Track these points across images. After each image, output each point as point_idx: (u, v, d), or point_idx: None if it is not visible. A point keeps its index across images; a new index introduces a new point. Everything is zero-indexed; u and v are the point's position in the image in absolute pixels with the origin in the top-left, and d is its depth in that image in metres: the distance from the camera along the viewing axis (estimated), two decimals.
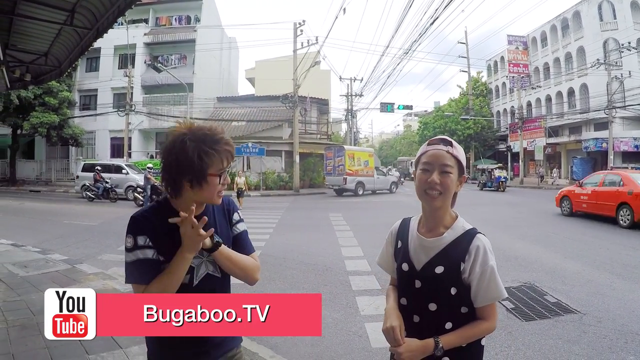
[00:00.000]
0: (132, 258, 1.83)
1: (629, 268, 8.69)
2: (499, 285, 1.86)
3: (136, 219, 1.89)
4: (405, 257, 2.02)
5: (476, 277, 1.86)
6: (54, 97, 32.95)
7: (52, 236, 12.35)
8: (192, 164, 1.79)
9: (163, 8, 41.94)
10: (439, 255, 1.91)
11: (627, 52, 35.66)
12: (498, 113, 57.38)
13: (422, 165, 1.96)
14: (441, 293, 1.88)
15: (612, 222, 14.67)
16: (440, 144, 1.96)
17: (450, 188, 1.90)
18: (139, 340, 4.60)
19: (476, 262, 1.86)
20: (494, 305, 1.91)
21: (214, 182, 1.85)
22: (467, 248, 1.89)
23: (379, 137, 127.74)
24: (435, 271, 1.89)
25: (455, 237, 1.92)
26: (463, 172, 1.97)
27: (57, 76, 9.84)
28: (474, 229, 1.96)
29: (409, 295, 1.98)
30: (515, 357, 4.75)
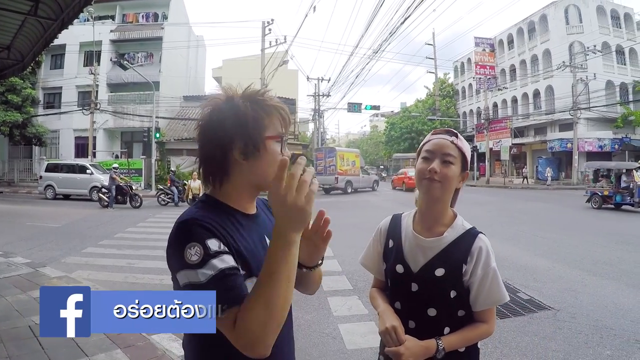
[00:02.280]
0: (209, 273, 1.20)
1: (599, 264, 8.81)
2: (501, 288, 1.75)
3: (196, 220, 1.29)
4: (399, 257, 1.86)
5: (477, 279, 1.74)
6: (17, 95, 32.03)
7: (15, 238, 11.97)
8: (244, 124, 1.37)
9: (130, 5, 41.27)
10: (438, 257, 1.79)
11: (592, 55, 36.55)
12: (464, 114, 58.11)
13: (423, 153, 1.85)
14: (440, 297, 1.76)
15: None
16: (445, 134, 1.87)
17: (450, 179, 1.77)
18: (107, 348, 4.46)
19: (478, 263, 1.74)
20: (493, 309, 1.80)
21: (273, 149, 1.39)
22: (469, 249, 1.76)
23: (346, 137, 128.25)
24: (435, 274, 1.76)
25: (456, 237, 1.80)
26: (467, 167, 1.86)
27: (20, 71, 9.53)
28: (475, 229, 1.85)
29: (403, 299, 1.84)
30: (492, 355, 4.72)
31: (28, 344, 4.53)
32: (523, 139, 45.39)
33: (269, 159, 1.38)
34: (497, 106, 51.12)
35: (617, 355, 4.67)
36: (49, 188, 25.72)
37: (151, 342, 4.60)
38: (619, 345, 4.88)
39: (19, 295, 6.39)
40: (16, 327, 5.03)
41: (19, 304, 5.94)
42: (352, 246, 10.12)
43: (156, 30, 39.15)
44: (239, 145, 1.37)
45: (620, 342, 4.96)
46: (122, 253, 10.27)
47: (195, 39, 46.19)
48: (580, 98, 37.38)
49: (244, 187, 1.44)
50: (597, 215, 17.44)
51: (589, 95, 38.20)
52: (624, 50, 42.06)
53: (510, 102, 49.22)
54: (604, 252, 10.05)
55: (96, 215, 18.11)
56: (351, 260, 9.18)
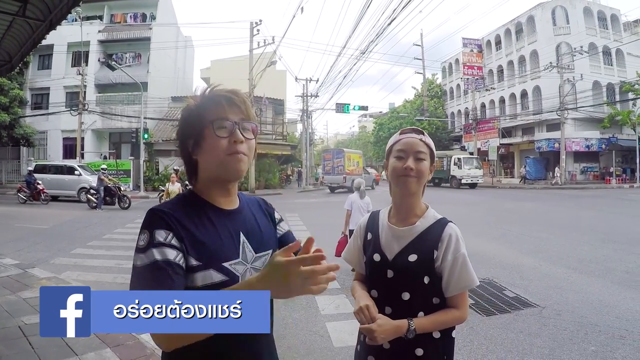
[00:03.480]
0: (144, 260, 1.31)
1: (584, 262, 8.91)
2: (470, 273, 1.87)
3: (155, 211, 1.40)
4: (376, 248, 2.00)
5: (448, 265, 1.86)
6: (5, 95, 31.79)
7: (3, 240, 11.92)
8: (190, 122, 1.48)
9: (118, 5, 41.08)
10: (411, 244, 1.91)
11: (579, 56, 36.80)
12: (452, 114, 58.30)
13: (396, 152, 1.97)
14: (414, 282, 1.87)
15: None
16: (413, 132, 1.99)
17: (424, 173, 1.93)
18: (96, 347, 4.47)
19: (448, 249, 1.87)
20: (465, 294, 1.91)
21: (210, 135, 1.43)
22: (439, 236, 1.89)
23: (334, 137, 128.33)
24: (409, 259, 1.89)
25: (427, 226, 1.94)
26: (434, 160, 2.02)
27: (7, 71, 9.47)
28: (445, 218, 1.98)
29: (380, 286, 1.95)
30: (478, 351, 4.79)
31: (18, 344, 4.54)
32: (511, 139, 45.66)
33: (211, 145, 1.44)
34: (485, 106, 51.34)
35: (601, 350, 4.73)
36: None
37: (140, 341, 4.62)
38: (603, 341, 4.94)
39: (8, 296, 6.39)
40: (6, 327, 5.04)
41: (8, 304, 5.94)
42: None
43: (144, 30, 39.00)
44: (191, 144, 1.48)
45: (605, 338, 5.03)
46: (110, 254, 10.26)
47: (184, 40, 46.01)
48: (568, 98, 37.66)
49: (208, 182, 1.50)
50: (584, 214, 17.58)
51: (576, 95, 38.52)
52: (611, 51, 42.30)
53: (498, 103, 49.46)
54: (590, 250, 10.15)
55: (85, 216, 18.04)
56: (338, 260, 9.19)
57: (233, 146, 1.44)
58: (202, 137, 1.45)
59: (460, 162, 37.05)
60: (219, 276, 1.39)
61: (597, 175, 41.32)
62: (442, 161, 38.15)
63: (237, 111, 1.48)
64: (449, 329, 1.92)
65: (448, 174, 37.85)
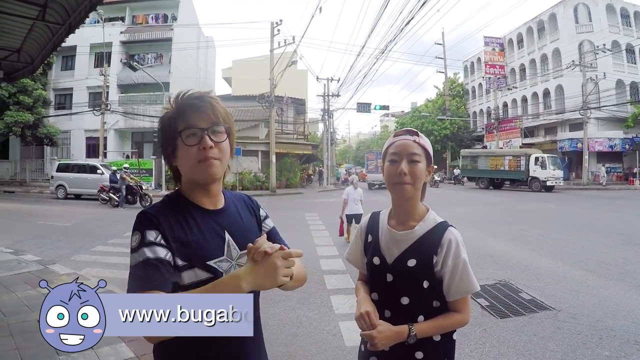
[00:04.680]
0: (137, 259, 1.41)
1: (603, 265, 8.78)
2: (471, 279, 1.85)
3: (145, 213, 1.49)
4: (376, 250, 1.99)
5: (448, 270, 1.84)
6: (29, 96, 32.31)
7: (26, 237, 12.13)
8: (164, 131, 1.58)
9: (140, 6, 41.48)
10: (410, 248, 1.89)
11: (602, 54, 36.28)
12: (474, 113, 57.91)
13: (389, 156, 1.94)
14: (413, 286, 1.86)
15: None
16: (406, 134, 1.95)
17: (419, 177, 1.89)
18: (112, 341, 4.54)
19: (448, 255, 1.84)
20: (467, 298, 1.90)
21: (181, 144, 1.52)
22: (439, 241, 1.87)
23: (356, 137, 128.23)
24: (408, 264, 1.87)
25: (427, 230, 1.91)
26: (431, 161, 1.96)
27: (29, 73, 9.67)
28: (445, 222, 1.94)
29: (380, 289, 1.95)
30: (490, 354, 4.76)
31: (35, 337, 4.62)
32: (533, 139, 45.14)
33: (182, 154, 1.53)
34: (507, 106, 50.94)
35: (615, 356, 4.67)
36: (60, 188, 25.93)
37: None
38: (618, 347, 4.88)
39: (29, 291, 6.55)
40: (25, 321, 5.15)
41: (28, 299, 6.09)
42: None
43: (166, 31, 39.31)
44: (169, 152, 1.58)
45: (619, 343, 4.96)
46: None
47: (205, 40, 46.32)
48: (590, 97, 37.18)
49: (190, 185, 1.59)
50: (605, 216, 17.36)
51: (599, 94, 37.93)
52: (634, 49, 41.72)
53: (520, 102, 49.00)
54: (609, 253, 10.01)
55: (106, 214, 18.27)
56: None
57: (202, 152, 1.50)
58: (175, 146, 1.54)
59: (545, 162, 32.73)
60: (204, 274, 1.48)
61: (620, 176, 40.61)
62: (518, 160, 34.71)
63: (205, 117, 1.53)
64: (450, 332, 1.92)
65: (526, 174, 33.73)
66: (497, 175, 36.74)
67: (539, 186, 32.57)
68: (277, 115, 35.92)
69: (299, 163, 41.93)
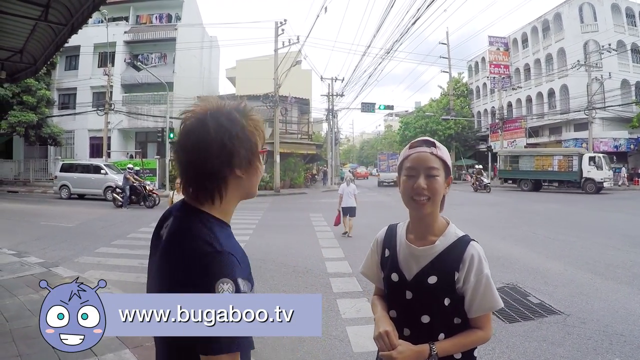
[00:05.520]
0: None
1: (611, 268, 8.70)
2: (494, 295, 1.76)
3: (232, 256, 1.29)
4: (394, 266, 1.89)
5: (471, 286, 1.75)
6: (32, 96, 32.29)
7: (29, 238, 12.11)
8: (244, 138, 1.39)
9: (144, 6, 41.54)
10: (431, 265, 1.80)
11: (607, 54, 36.18)
12: (479, 113, 57.80)
13: (406, 170, 1.84)
14: (434, 304, 1.78)
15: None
16: (423, 145, 1.83)
17: (438, 192, 1.79)
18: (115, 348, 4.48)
19: (470, 271, 1.75)
20: (489, 315, 1.81)
21: (259, 159, 1.46)
22: (460, 256, 1.77)
23: (360, 137, 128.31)
24: (428, 281, 1.78)
25: (448, 245, 1.81)
26: (449, 173, 1.86)
27: (32, 74, 9.63)
28: (467, 236, 1.84)
29: (399, 307, 1.86)
30: None
31: (38, 343, 4.57)
32: (538, 139, 45.03)
33: (258, 172, 1.46)
34: (512, 106, 50.84)
35: None
36: (64, 188, 25.98)
37: None
38: (628, 352, 4.81)
39: (32, 294, 6.47)
40: (28, 327, 5.09)
41: (30, 303, 6.01)
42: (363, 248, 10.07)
43: (170, 31, 39.36)
44: (238, 161, 1.37)
45: (630, 349, 4.89)
46: (134, 253, 10.31)
47: (209, 40, 46.30)
48: (596, 97, 37.05)
49: (236, 201, 1.46)
50: (611, 217, 17.27)
51: (604, 94, 37.84)
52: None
53: (525, 102, 48.90)
54: (617, 255, 9.94)
55: (110, 215, 18.26)
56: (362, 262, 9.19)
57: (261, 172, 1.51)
58: (256, 157, 1.43)
59: (600, 162, 30.67)
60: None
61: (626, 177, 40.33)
62: (570, 160, 32.41)
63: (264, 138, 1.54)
64: (471, 348, 1.84)
65: (579, 175, 31.53)
66: (543, 176, 34.22)
67: (593, 188, 30.47)
68: (281, 115, 35.93)
69: (303, 163, 41.93)
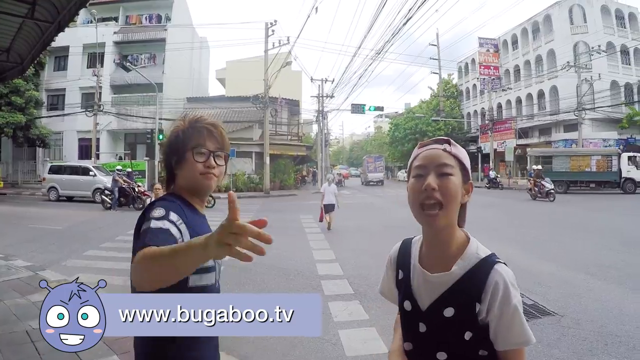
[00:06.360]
0: (158, 225, 1.57)
1: (604, 268, 8.69)
2: (524, 329, 1.40)
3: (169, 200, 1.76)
4: (407, 293, 1.60)
5: (495, 318, 1.41)
6: (21, 97, 31.92)
7: (16, 241, 11.95)
8: (176, 142, 1.84)
9: (133, 6, 41.41)
10: (447, 294, 1.48)
11: (597, 55, 36.41)
12: (469, 114, 58.10)
13: (414, 171, 1.53)
14: (452, 339, 1.46)
15: None
16: (434, 143, 1.55)
17: (453, 194, 1.46)
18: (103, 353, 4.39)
19: (494, 301, 1.41)
20: (522, 352, 1.45)
21: (189, 158, 1.81)
22: (483, 284, 1.43)
23: (350, 138, 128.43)
24: (444, 314, 1.47)
25: (468, 269, 1.48)
26: (469, 176, 1.55)
27: (19, 73, 9.48)
28: (492, 257, 1.51)
29: (413, 339, 1.58)
30: None
31: (24, 349, 4.50)
32: (528, 140, 45.25)
33: (188, 167, 1.82)
34: (502, 107, 51.06)
35: None
36: (53, 190, 25.74)
37: None
38: (624, 353, 4.78)
39: (18, 299, 6.35)
40: (13, 332, 4.99)
41: (17, 308, 5.89)
42: (354, 249, 10.05)
43: (159, 31, 39.24)
44: (174, 160, 1.86)
45: (625, 350, 4.86)
46: (122, 256, 10.15)
47: (199, 41, 46.20)
48: (585, 98, 37.26)
49: (184, 190, 1.86)
50: (603, 217, 17.32)
51: (593, 95, 38.10)
52: (629, 50, 41.89)
53: (515, 103, 49.15)
54: (609, 255, 9.93)
55: (99, 217, 18.11)
56: (352, 264, 9.20)
57: (206, 169, 1.82)
58: (183, 158, 1.82)
59: (637, 161, 29.82)
60: (210, 262, 1.73)
61: None
62: (609, 160, 31.05)
63: (214, 142, 1.86)
64: None
65: (618, 175, 30.32)
66: (580, 177, 32.01)
67: (632, 188, 29.58)
68: (271, 117, 35.84)
69: (293, 164, 41.91)
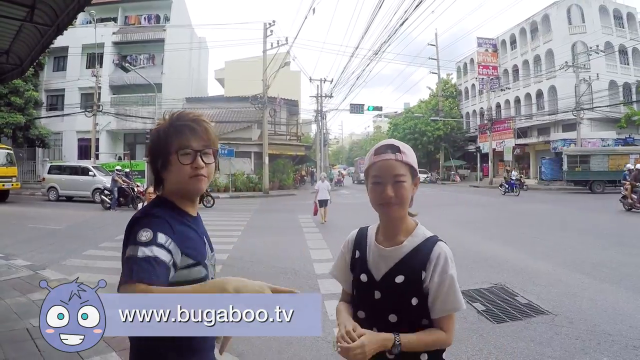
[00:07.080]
0: (146, 253, 1.45)
1: (598, 268, 8.73)
2: (457, 296, 1.77)
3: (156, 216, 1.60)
4: (363, 267, 1.94)
5: (434, 286, 1.77)
6: (20, 97, 32.06)
7: (16, 241, 11.99)
8: (158, 145, 1.72)
9: (132, 7, 41.40)
10: (398, 264, 1.84)
11: (595, 55, 36.43)
12: (467, 114, 58.09)
13: (372, 178, 1.86)
14: (402, 303, 1.80)
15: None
16: (388, 151, 1.84)
17: (406, 198, 1.82)
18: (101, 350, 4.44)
19: (436, 270, 1.78)
20: (452, 317, 1.81)
21: (175, 161, 1.67)
22: (427, 256, 1.80)
23: (349, 138, 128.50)
24: (396, 280, 1.82)
25: (416, 245, 1.85)
26: (416, 174, 1.89)
27: (18, 75, 9.54)
28: (435, 237, 1.88)
29: (367, 307, 1.89)
30: None
31: (25, 347, 4.55)
32: (526, 140, 45.32)
33: (174, 170, 1.69)
34: (500, 107, 51.07)
35: None
36: (52, 190, 25.78)
37: None
38: (616, 352, 4.82)
39: (18, 297, 6.41)
40: (14, 330, 5.05)
41: (17, 306, 5.96)
42: None
43: (158, 32, 39.25)
44: (159, 164, 1.72)
45: (618, 349, 4.91)
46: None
47: (198, 41, 46.20)
48: (584, 98, 37.33)
49: (174, 194, 1.74)
50: (598, 217, 17.38)
51: (592, 95, 38.15)
52: (627, 50, 41.95)
53: (513, 103, 49.18)
54: (604, 255, 9.98)
55: (98, 217, 18.15)
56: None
57: (195, 171, 1.69)
58: (168, 161, 1.70)
59: None
60: (204, 271, 1.69)
61: None
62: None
63: (199, 139, 1.72)
64: (439, 351, 1.84)
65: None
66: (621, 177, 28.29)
67: None
68: (270, 117, 35.85)
69: (292, 164, 41.90)
